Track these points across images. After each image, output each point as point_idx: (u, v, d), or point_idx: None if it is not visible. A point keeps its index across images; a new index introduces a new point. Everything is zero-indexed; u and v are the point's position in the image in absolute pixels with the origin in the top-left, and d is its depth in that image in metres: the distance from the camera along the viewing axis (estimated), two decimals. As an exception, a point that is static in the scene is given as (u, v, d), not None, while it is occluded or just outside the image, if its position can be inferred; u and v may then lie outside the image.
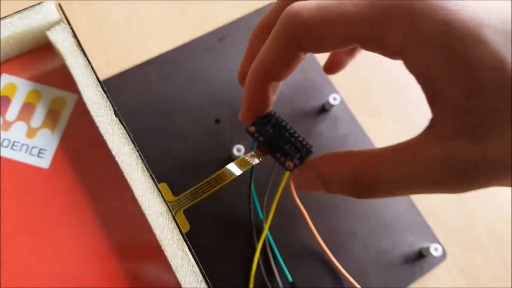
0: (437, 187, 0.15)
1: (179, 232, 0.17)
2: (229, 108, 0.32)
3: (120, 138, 0.17)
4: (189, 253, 0.16)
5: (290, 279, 0.27)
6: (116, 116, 0.17)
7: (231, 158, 0.30)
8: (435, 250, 0.28)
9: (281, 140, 0.20)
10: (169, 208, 0.17)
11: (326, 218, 0.29)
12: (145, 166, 0.17)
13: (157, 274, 0.18)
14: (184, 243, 0.16)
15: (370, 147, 0.31)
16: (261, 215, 0.28)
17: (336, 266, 0.27)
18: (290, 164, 0.20)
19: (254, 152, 0.20)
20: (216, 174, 0.19)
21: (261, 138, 0.20)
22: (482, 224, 0.30)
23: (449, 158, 0.15)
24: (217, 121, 0.31)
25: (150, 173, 0.17)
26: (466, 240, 0.30)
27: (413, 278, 0.28)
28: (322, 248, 0.28)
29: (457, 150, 0.15)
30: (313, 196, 0.30)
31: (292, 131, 0.21)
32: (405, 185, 0.16)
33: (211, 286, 0.16)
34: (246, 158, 0.20)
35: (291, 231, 0.29)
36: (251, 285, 0.26)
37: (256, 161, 0.20)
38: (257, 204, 0.28)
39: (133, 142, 0.17)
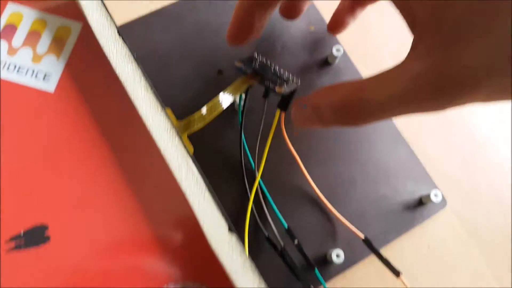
0: (417, 105, 0.16)
1: (183, 147, 0.17)
2: (232, 60, 0.32)
3: (124, 57, 0.18)
4: (193, 166, 0.17)
5: (286, 225, 0.27)
6: (119, 35, 0.18)
7: (233, 108, 0.30)
8: (435, 196, 0.28)
9: (267, 74, 0.21)
10: (173, 126, 0.17)
11: (325, 166, 0.30)
12: (149, 85, 0.17)
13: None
14: (188, 157, 0.17)
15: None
16: (253, 164, 0.28)
17: (331, 212, 0.28)
18: (279, 89, 0.21)
19: (245, 78, 0.21)
20: (213, 100, 0.20)
21: (248, 71, 0.21)
22: (482, 176, 0.31)
23: (425, 74, 0.15)
24: (220, 72, 0.31)
25: (153, 91, 0.17)
26: (466, 191, 0.30)
27: (412, 224, 0.29)
28: (318, 196, 0.28)
29: (432, 65, 0.15)
30: (311, 144, 0.30)
31: (277, 68, 0.22)
32: (387, 106, 0.17)
33: (215, 195, 0.16)
34: (237, 84, 0.21)
35: (286, 179, 0.29)
36: (246, 234, 0.27)
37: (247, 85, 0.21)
38: (249, 153, 0.28)
39: (136, 61, 0.18)
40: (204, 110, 0.19)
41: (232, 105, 0.30)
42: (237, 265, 0.16)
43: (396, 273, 0.24)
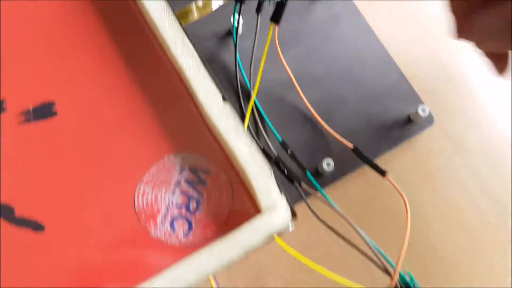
0: None
1: (179, 24, 0.18)
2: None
3: None
4: (188, 43, 0.18)
5: (279, 138, 0.28)
6: None
7: (229, 32, 0.31)
8: (422, 111, 0.29)
9: None
10: (168, 5, 0.18)
11: (318, 85, 0.31)
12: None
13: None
14: (184, 34, 0.18)
15: (364, 26, 0.32)
16: (248, 84, 0.29)
17: (324, 127, 0.29)
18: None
19: None
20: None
21: None
22: (468, 95, 0.32)
23: None
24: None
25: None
26: (453, 110, 0.32)
27: (401, 140, 0.30)
28: (311, 112, 0.29)
29: None
30: (304, 63, 0.31)
31: None
32: None
33: (210, 68, 0.18)
34: None
35: (281, 97, 0.30)
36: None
37: None
38: (243, 73, 0.30)
39: None
40: (200, 3, 0.20)
41: (228, 28, 0.31)
42: (231, 128, 0.17)
43: (382, 173, 0.26)
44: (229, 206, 0.18)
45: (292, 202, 0.28)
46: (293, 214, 0.17)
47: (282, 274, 0.27)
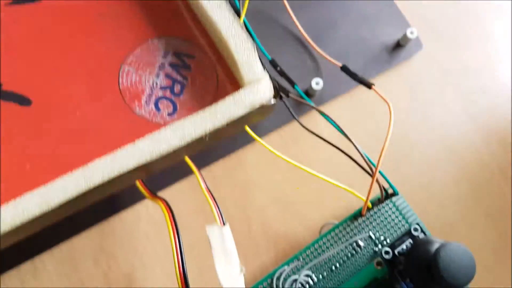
0: None
1: None
2: None
3: None
4: None
5: (269, 57, 0.28)
6: None
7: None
8: (411, 33, 0.29)
9: None
10: None
11: (308, 8, 0.31)
12: None
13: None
14: None
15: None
16: (237, 3, 0.29)
17: (313, 48, 0.29)
18: None
19: None
20: None
21: None
22: (462, 22, 0.32)
23: None
24: None
25: None
26: (443, 37, 0.32)
27: (390, 64, 0.30)
28: (301, 33, 0.29)
29: None
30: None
31: None
32: None
33: None
34: None
35: (270, 19, 0.30)
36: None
37: None
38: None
39: None
40: None
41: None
42: (214, 3, 0.17)
43: (369, 85, 0.26)
44: (213, 90, 0.18)
45: (281, 123, 0.29)
46: (276, 93, 0.17)
47: (268, 189, 0.27)
